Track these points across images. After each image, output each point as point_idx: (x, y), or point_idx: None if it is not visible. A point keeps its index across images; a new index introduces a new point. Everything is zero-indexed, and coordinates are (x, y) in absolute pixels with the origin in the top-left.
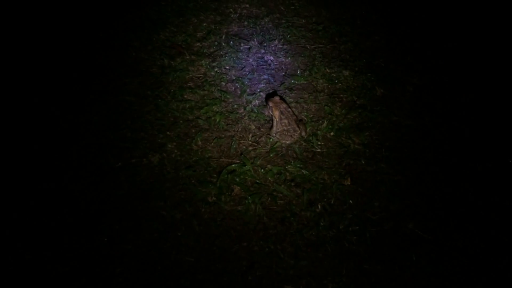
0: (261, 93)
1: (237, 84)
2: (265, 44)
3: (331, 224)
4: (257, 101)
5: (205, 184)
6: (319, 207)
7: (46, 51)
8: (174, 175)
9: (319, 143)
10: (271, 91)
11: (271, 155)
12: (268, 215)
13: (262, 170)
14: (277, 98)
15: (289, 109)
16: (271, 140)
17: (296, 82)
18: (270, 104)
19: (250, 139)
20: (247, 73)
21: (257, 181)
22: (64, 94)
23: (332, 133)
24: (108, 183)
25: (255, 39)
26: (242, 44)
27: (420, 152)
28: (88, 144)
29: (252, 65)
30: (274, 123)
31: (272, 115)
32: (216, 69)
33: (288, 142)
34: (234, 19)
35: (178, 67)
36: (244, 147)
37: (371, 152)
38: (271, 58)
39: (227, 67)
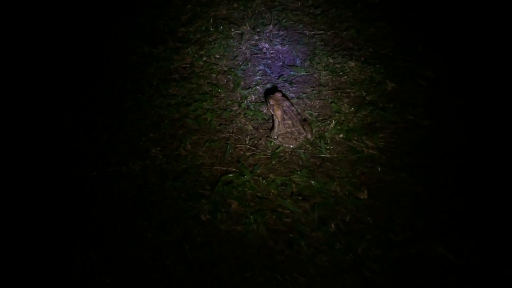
0: (257, 87)
1: (229, 76)
2: (258, 30)
3: (347, 247)
4: (253, 96)
5: (196, 199)
6: (333, 226)
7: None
8: (159, 187)
9: (327, 147)
10: (268, 85)
11: (273, 162)
12: (273, 237)
13: (263, 181)
14: (278, 95)
15: (293, 108)
16: (271, 143)
17: (296, 74)
18: (271, 101)
19: (247, 142)
20: (240, 63)
21: (258, 194)
22: (26, 86)
23: (341, 135)
24: (80, 198)
25: (247, 24)
26: (232, 29)
27: (443, 158)
28: (55, 149)
29: (245, 53)
30: (276, 124)
31: (273, 115)
32: (204, 58)
33: (292, 146)
34: (222, 1)
35: (160, 55)
36: (241, 152)
37: (388, 158)
38: (266, 45)
39: (217, 56)
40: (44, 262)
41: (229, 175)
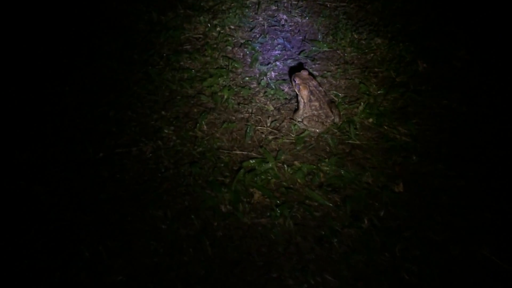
0: (277, 63)
1: (246, 49)
2: None
3: (383, 246)
4: (273, 73)
5: (216, 187)
6: (366, 222)
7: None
8: (174, 172)
9: (356, 133)
10: (289, 61)
11: (298, 147)
12: (301, 232)
13: (288, 169)
14: (304, 73)
15: (320, 88)
16: (295, 127)
17: (319, 50)
18: (297, 80)
19: (269, 124)
20: (258, 36)
21: (284, 183)
22: (24, 56)
23: (371, 120)
24: (85, 182)
25: None
26: None
27: (485, 149)
28: (57, 127)
29: (263, 25)
30: (301, 105)
31: (297, 95)
32: (218, 29)
33: (318, 130)
34: None
35: (170, 23)
36: (263, 135)
37: (424, 148)
38: (285, 17)
39: (232, 27)
40: (47, 257)
41: (251, 161)
